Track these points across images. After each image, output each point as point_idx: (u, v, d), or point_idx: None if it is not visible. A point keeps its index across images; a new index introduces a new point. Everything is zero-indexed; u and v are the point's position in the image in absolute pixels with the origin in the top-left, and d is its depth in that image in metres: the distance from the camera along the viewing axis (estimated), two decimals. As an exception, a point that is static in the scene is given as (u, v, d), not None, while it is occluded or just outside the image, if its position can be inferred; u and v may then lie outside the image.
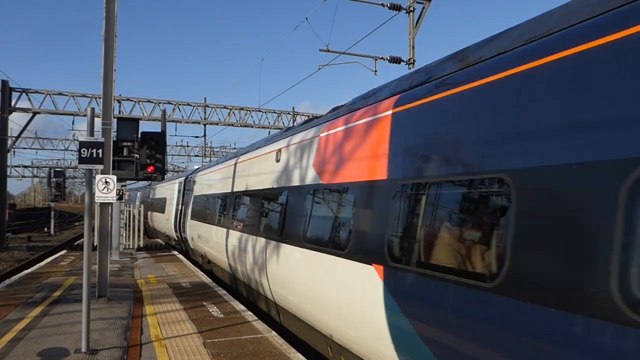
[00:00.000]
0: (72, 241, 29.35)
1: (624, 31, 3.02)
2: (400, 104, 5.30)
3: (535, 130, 3.45)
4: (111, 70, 10.50)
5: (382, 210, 5.16)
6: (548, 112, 3.38)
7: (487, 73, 4.08)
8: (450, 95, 4.47)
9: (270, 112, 33.32)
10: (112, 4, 10.48)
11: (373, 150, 5.56)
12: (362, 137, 5.87)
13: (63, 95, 27.90)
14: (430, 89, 4.85)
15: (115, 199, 8.46)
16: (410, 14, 16.01)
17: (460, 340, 3.91)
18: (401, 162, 5.03)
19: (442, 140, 4.49)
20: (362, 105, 6.42)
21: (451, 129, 4.37)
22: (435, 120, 4.63)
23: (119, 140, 13.17)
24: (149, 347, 7.16)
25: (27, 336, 7.49)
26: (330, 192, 6.61)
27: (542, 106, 3.44)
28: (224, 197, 12.92)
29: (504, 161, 3.67)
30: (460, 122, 4.27)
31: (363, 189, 5.61)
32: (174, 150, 51.94)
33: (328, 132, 6.90)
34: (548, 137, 3.34)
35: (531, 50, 3.72)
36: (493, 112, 3.91)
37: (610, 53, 3.11)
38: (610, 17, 3.24)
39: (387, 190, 5.09)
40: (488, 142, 3.92)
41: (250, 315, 9.11)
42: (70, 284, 12.09)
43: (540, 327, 3.18)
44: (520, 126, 3.61)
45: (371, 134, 5.67)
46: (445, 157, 4.38)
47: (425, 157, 4.66)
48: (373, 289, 5.06)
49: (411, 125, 5.02)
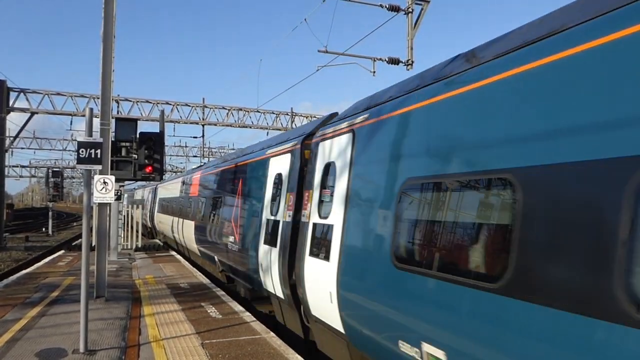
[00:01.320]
0: (70, 241, 29.32)
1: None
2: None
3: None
4: (109, 71, 10.49)
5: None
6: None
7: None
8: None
9: (269, 113, 33.31)
10: (110, 4, 10.47)
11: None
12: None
13: (61, 95, 27.85)
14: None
15: (114, 199, 8.46)
16: (408, 15, 16.02)
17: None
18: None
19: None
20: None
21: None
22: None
23: (117, 141, 13.13)
24: (147, 347, 7.15)
25: (24, 336, 7.48)
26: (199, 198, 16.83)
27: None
28: (167, 200, 24.63)
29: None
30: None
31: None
32: (172, 150, 51.86)
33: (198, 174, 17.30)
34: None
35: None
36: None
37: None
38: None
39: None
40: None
41: (248, 316, 9.11)
42: (68, 284, 12.08)
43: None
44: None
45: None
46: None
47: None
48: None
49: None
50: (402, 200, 4.99)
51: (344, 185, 6.23)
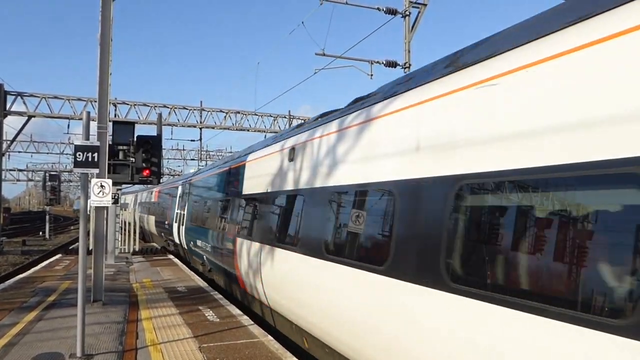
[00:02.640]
0: (67, 245, 29.24)
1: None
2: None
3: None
4: (107, 74, 10.48)
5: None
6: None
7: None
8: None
9: (267, 116, 33.30)
10: (107, 7, 10.47)
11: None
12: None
13: (58, 98, 27.79)
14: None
15: (111, 202, 8.44)
16: (405, 18, 16.06)
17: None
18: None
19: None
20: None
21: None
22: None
23: (114, 144, 13.10)
24: (144, 351, 7.13)
25: (21, 341, 7.44)
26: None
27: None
28: (149, 204, 31.65)
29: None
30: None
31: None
32: (170, 154, 51.89)
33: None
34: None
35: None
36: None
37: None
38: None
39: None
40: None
41: (246, 320, 9.08)
42: (65, 288, 12.03)
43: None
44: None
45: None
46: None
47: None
48: None
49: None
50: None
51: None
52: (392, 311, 4.53)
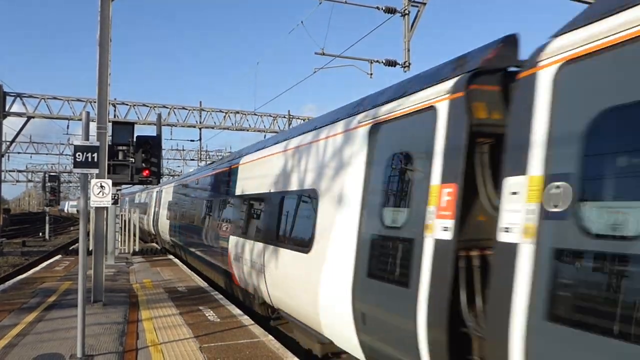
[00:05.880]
0: (67, 246, 29.20)
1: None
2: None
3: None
4: (106, 75, 10.46)
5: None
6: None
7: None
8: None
9: (266, 116, 33.27)
10: (106, 8, 10.45)
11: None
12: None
13: (58, 99, 27.74)
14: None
15: (111, 203, 8.42)
16: (405, 17, 16.04)
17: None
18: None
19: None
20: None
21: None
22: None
23: (114, 144, 13.10)
24: (145, 352, 7.12)
25: (21, 342, 7.43)
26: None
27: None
28: (141, 204, 35.01)
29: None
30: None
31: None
32: (169, 154, 51.80)
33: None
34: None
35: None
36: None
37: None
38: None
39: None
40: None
41: (246, 320, 9.08)
42: (65, 289, 12.02)
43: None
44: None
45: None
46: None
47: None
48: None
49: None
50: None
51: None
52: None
